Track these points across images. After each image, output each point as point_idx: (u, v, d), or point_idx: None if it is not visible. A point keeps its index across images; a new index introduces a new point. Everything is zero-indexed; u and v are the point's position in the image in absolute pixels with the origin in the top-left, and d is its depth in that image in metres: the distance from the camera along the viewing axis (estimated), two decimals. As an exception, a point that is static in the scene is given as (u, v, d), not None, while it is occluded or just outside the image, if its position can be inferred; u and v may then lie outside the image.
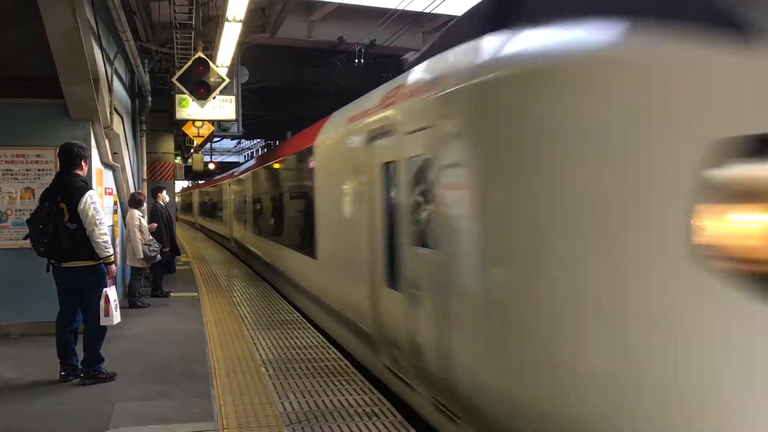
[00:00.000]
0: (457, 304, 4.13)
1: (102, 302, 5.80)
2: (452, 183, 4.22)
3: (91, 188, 5.95)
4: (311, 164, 8.63)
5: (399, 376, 5.45)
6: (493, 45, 4.06)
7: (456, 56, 4.56)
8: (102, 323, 5.85)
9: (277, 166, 12.62)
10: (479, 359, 3.87)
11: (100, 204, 5.99)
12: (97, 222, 5.68)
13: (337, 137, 7.58)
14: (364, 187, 6.31)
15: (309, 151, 8.79)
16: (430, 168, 4.54)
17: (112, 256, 5.90)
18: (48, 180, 7.49)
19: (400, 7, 13.09)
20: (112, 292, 5.89)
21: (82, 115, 7.69)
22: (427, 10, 12.87)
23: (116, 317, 5.91)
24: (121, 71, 10.32)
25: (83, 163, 6.01)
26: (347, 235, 7.09)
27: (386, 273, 5.72)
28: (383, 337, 5.81)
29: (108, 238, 5.83)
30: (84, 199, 5.66)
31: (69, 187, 5.75)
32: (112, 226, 8.57)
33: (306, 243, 9.08)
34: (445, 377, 4.34)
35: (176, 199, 32.22)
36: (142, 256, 9.70)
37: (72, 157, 5.91)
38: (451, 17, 14.33)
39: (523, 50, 3.72)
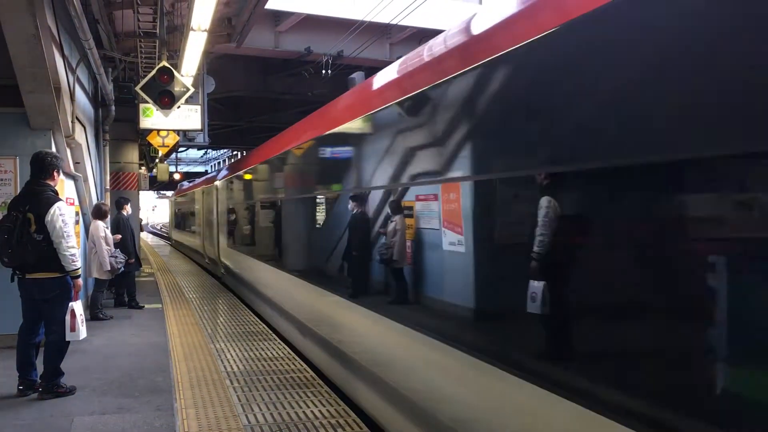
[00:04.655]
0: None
1: (68, 317, 5.67)
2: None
3: (61, 199, 5.82)
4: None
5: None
6: None
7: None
8: (68, 338, 5.72)
9: None
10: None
11: (69, 216, 5.87)
12: (65, 234, 5.56)
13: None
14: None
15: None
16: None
17: (79, 270, 5.79)
18: (7, 190, 7.38)
19: (368, 19, 13.15)
20: (78, 307, 5.77)
21: (43, 124, 7.55)
22: (394, 22, 12.94)
23: (83, 332, 5.79)
24: (84, 80, 10.17)
25: (55, 174, 5.87)
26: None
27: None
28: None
29: (76, 251, 5.70)
30: (52, 211, 5.54)
31: (37, 196, 5.62)
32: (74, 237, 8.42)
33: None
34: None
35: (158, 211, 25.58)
36: (109, 268, 9.54)
37: (44, 166, 5.78)
38: (417, 28, 14.47)
39: None
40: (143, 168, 20.64)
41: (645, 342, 2.56)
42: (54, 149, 7.60)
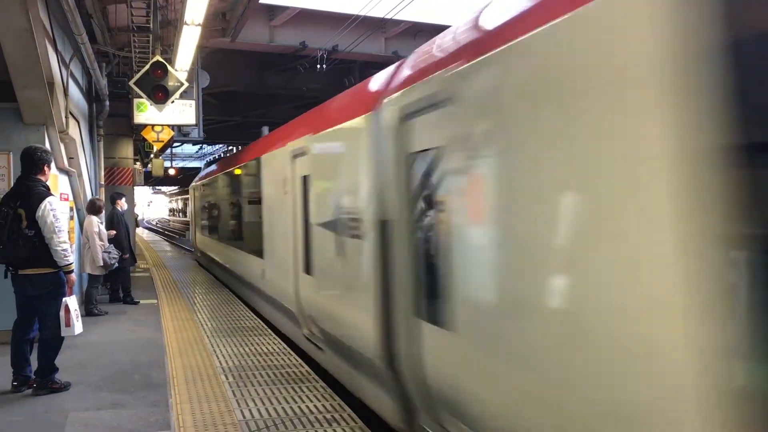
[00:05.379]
0: None
1: (62, 312, 5.66)
2: None
3: (52, 194, 5.79)
4: None
5: None
6: None
7: None
8: (63, 334, 5.71)
9: None
10: None
11: (61, 211, 5.84)
12: (56, 230, 5.53)
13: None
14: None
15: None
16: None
17: (72, 265, 5.77)
18: (1, 186, 7.35)
19: (363, 13, 13.12)
20: (72, 302, 5.75)
21: (36, 119, 7.52)
22: (389, 16, 12.92)
23: (78, 327, 5.77)
24: (78, 75, 10.14)
25: (46, 168, 5.84)
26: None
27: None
28: None
29: (68, 246, 5.68)
30: (43, 206, 5.51)
31: (28, 191, 5.60)
32: (68, 232, 8.39)
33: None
34: None
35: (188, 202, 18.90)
36: (102, 264, 9.53)
37: (34, 161, 5.75)
38: (412, 23, 14.45)
39: None
40: (138, 163, 20.59)
41: None
42: (47, 144, 7.58)
